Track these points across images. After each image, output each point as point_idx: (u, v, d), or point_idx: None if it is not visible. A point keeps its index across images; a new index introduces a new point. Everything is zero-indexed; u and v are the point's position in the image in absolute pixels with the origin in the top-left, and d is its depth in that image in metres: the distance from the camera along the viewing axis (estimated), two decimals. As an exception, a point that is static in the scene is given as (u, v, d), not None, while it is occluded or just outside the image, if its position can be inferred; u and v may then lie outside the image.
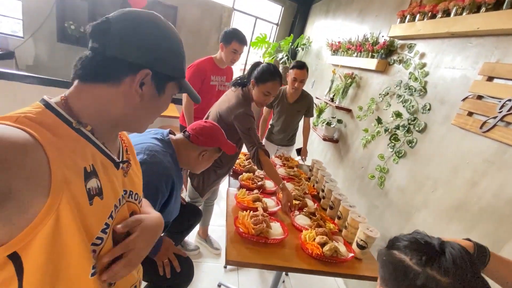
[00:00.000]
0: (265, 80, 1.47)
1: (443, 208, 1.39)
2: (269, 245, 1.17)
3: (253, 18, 4.42)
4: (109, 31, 0.49)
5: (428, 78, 1.66)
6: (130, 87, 0.52)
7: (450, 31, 1.46)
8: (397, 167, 1.78)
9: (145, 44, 0.51)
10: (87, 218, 0.47)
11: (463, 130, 1.35)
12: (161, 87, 0.57)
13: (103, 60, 0.50)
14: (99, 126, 0.52)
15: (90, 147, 0.51)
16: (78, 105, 0.50)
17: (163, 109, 0.62)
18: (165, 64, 0.55)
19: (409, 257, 0.53)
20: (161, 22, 0.55)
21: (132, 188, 0.65)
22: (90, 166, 0.49)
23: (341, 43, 2.77)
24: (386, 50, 2.05)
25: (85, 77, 0.51)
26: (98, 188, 0.50)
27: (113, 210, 0.55)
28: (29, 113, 0.43)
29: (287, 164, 2.05)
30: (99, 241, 0.51)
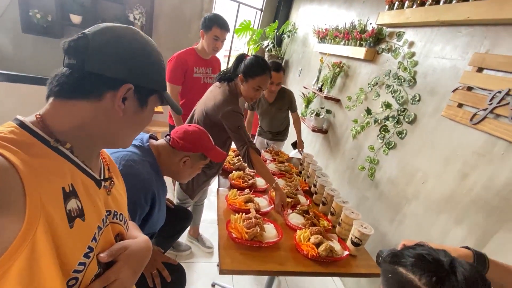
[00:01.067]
0: (255, 74, 1.39)
1: (434, 200, 1.41)
2: (264, 249, 1.14)
3: (236, 3, 4.22)
4: (87, 46, 0.48)
5: (417, 68, 1.64)
6: (112, 103, 0.50)
7: (439, 19, 1.43)
8: (387, 158, 1.78)
9: (126, 59, 0.51)
10: (67, 243, 0.44)
11: (453, 122, 1.35)
12: (144, 101, 0.56)
13: (82, 76, 0.48)
14: (79, 144, 0.51)
15: (69, 165, 0.48)
16: (55, 123, 0.48)
17: (146, 122, 0.61)
18: (146, 77, 0.54)
19: (418, 277, 0.50)
20: (139, 36, 0.54)
21: (116, 208, 0.62)
22: (69, 186, 0.47)
23: (328, 30, 2.70)
24: (375, 38, 2.00)
25: (62, 94, 0.49)
26: (79, 209, 0.48)
27: (96, 232, 0.52)
28: (1, 133, 0.41)
29: (277, 159, 2.01)
30: (81, 267, 0.47)
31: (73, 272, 0.46)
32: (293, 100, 2.30)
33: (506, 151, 1.12)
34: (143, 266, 0.63)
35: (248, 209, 1.28)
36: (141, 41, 0.54)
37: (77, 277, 0.47)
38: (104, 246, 0.55)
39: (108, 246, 0.57)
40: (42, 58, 3.05)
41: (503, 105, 1.12)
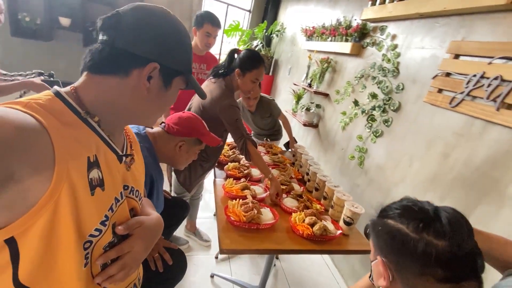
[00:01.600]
0: (252, 67, 1.45)
1: (419, 181, 1.49)
2: (261, 231, 1.18)
3: (225, 5, 4.29)
4: (119, 24, 0.50)
5: (400, 59, 1.73)
6: (138, 80, 0.52)
7: (419, 12, 1.53)
8: (375, 146, 1.86)
9: (154, 38, 0.52)
10: (87, 208, 0.47)
11: (434, 107, 1.44)
12: (168, 81, 0.57)
13: (112, 52, 0.50)
14: (106, 118, 0.53)
15: (95, 137, 0.51)
16: (86, 96, 0.50)
17: (170, 103, 0.62)
18: (173, 58, 0.55)
19: (405, 225, 0.54)
20: (170, 17, 0.55)
21: (134, 184, 0.64)
22: (94, 156, 0.49)
23: (315, 28, 2.79)
24: (359, 33, 2.10)
25: (94, 69, 0.51)
26: (100, 179, 0.50)
27: (113, 203, 0.55)
28: (39, 99, 0.44)
29: (271, 151, 2.07)
30: (97, 232, 0.50)
31: (88, 236, 0.49)
32: (272, 107, 2.26)
33: (482, 129, 1.21)
34: (153, 243, 0.66)
35: (245, 196, 1.33)
36: (171, 21, 0.55)
37: (91, 241, 0.50)
38: (119, 217, 0.58)
39: (123, 218, 0.60)
40: (31, 61, 3.02)
41: (478, 87, 1.21)
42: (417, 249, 0.50)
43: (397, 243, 0.54)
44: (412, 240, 0.51)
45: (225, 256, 1.94)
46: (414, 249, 0.51)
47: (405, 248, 0.52)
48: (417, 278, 0.52)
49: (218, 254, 1.93)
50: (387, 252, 0.57)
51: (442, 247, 0.49)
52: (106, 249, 0.55)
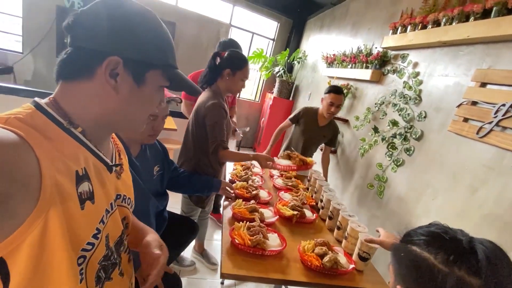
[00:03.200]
0: (242, 65, 1.47)
1: (444, 216, 1.36)
2: (267, 257, 1.12)
3: (250, 34, 4.53)
4: (77, 22, 0.46)
5: (422, 87, 1.68)
6: (101, 79, 0.47)
7: (441, 40, 1.50)
8: (396, 175, 1.76)
9: (112, 29, 0.46)
10: (77, 223, 0.45)
11: (460, 137, 1.35)
12: (140, 77, 0.50)
13: (74, 53, 0.47)
14: (89, 127, 0.50)
15: (82, 149, 0.49)
16: (66, 105, 0.48)
17: (152, 102, 0.56)
18: (138, 49, 0.49)
19: (433, 255, 0.47)
20: (134, 6, 0.49)
21: (126, 192, 0.64)
22: (82, 169, 0.47)
23: (336, 56, 2.83)
24: (380, 60, 2.08)
25: (64, 75, 0.48)
26: (90, 192, 0.49)
27: (104, 215, 0.53)
28: (19, 114, 0.41)
29: (284, 175, 2.02)
30: (90, 246, 0.49)
31: (81, 251, 0.47)
32: (337, 135, 2.21)
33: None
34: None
35: (253, 218, 1.29)
36: (135, 11, 0.49)
37: (85, 256, 0.48)
38: (111, 229, 0.57)
39: (115, 229, 0.59)
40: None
41: (508, 117, 1.12)
42: (445, 285, 0.43)
43: (421, 274, 0.47)
44: (440, 273, 0.44)
45: (231, 282, 1.85)
46: (442, 284, 0.43)
47: (431, 281, 0.45)
48: None
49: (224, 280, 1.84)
50: (409, 282, 0.50)
51: (477, 286, 0.42)
52: (102, 264, 0.54)
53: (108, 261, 0.56)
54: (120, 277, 0.61)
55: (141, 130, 0.60)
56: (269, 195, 1.59)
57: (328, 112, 2.04)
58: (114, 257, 0.58)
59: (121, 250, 0.64)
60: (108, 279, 0.56)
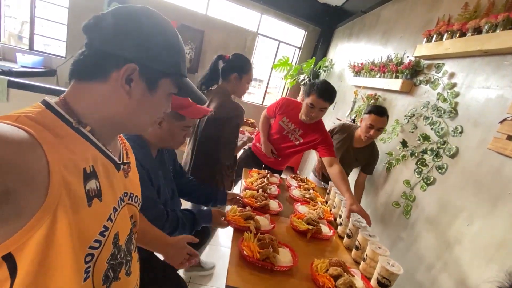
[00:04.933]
0: (248, 69, 1.50)
1: (481, 246, 1.20)
2: (276, 273, 1.06)
3: (276, 42, 4.54)
4: (98, 25, 0.48)
5: (458, 99, 1.53)
6: (117, 83, 0.49)
7: (482, 49, 1.36)
8: (425, 195, 1.61)
9: (133, 37, 0.49)
10: (84, 220, 0.46)
11: (502, 156, 1.20)
12: (153, 84, 0.53)
13: (91, 55, 0.49)
14: (98, 126, 0.51)
15: (90, 147, 0.50)
16: (76, 104, 0.49)
17: (159, 108, 0.58)
18: (155, 58, 0.51)
19: None
20: (154, 15, 0.52)
21: (133, 190, 0.65)
22: (90, 167, 0.48)
23: (364, 65, 2.71)
24: (412, 70, 1.95)
25: (78, 75, 0.50)
26: (97, 190, 0.49)
27: (112, 213, 0.54)
28: (29, 112, 0.43)
29: (303, 186, 1.94)
30: (97, 244, 0.49)
31: (89, 248, 0.47)
32: (375, 162, 2.00)
33: None
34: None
35: (247, 226, 1.23)
36: (154, 20, 0.51)
37: (92, 253, 0.48)
38: (120, 225, 0.57)
39: (124, 227, 0.59)
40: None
41: None
42: None
43: None
44: None
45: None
46: None
47: None
48: None
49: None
50: None
51: None
52: (111, 263, 0.54)
53: (115, 260, 0.56)
54: (127, 277, 0.61)
55: (146, 132, 0.62)
56: (280, 207, 1.53)
57: (366, 134, 1.83)
58: (121, 256, 0.58)
59: (132, 248, 0.64)
60: (116, 279, 0.57)
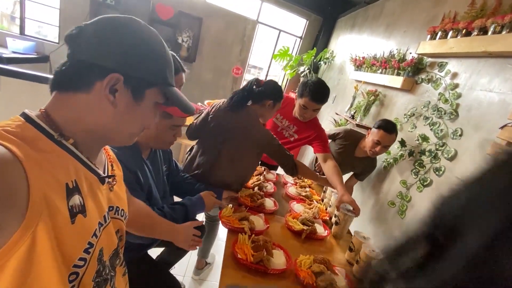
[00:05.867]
0: (281, 98, 1.46)
1: (474, 250, 1.21)
2: (269, 276, 1.06)
3: (277, 31, 4.42)
4: (80, 35, 0.47)
5: (460, 100, 1.50)
6: (101, 94, 0.48)
7: (487, 50, 1.32)
8: (421, 196, 1.61)
9: (117, 47, 0.48)
10: (68, 238, 0.44)
11: (501, 162, 1.18)
12: (139, 94, 0.52)
13: (74, 65, 0.48)
14: (81, 139, 0.50)
15: (73, 161, 0.48)
16: (58, 116, 0.47)
17: (146, 118, 0.56)
18: (140, 68, 0.50)
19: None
20: (137, 25, 0.51)
21: (119, 204, 0.63)
22: (73, 181, 0.47)
23: (365, 59, 2.65)
24: (414, 68, 1.91)
25: (60, 86, 0.49)
26: (81, 205, 0.48)
27: (97, 228, 0.52)
28: (8, 126, 0.41)
29: (299, 183, 1.94)
30: (82, 262, 0.47)
31: (73, 267, 0.46)
32: (369, 172, 1.99)
33: None
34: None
35: (242, 228, 1.23)
36: (137, 30, 0.51)
37: (77, 272, 0.46)
38: (105, 241, 0.55)
39: (109, 242, 0.58)
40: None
41: None
42: None
43: None
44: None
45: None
46: None
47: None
48: None
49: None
50: None
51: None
52: (96, 281, 0.52)
53: (100, 277, 0.54)
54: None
55: (132, 143, 0.59)
56: (275, 206, 1.52)
57: (371, 149, 1.75)
58: (105, 272, 0.56)
59: (116, 263, 0.62)
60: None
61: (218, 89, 4.24)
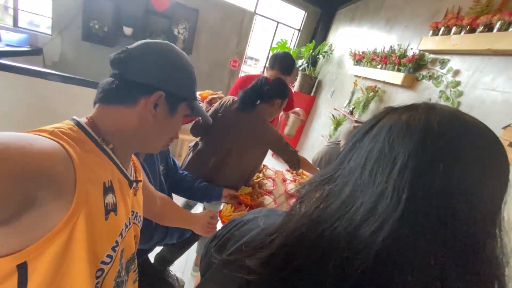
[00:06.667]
0: (288, 95, 1.45)
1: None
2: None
3: (275, 23, 4.33)
4: (128, 58, 0.55)
5: (462, 99, 1.49)
6: (145, 108, 0.55)
7: (492, 48, 1.30)
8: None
9: (160, 68, 0.57)
10: (100, 233, 0.48)
11: (502, 163, 1.18)
12: (174, 108, 0.60)
13: (122, 83, 0.55)
14: (119, 146, 0.56)
15: (110, 164, 0.54)
16: (102, 125, 0.54)
17: (175, 128, 0.65)
18: (177, 86, 0.60)
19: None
20: (174, 49, 0.61)
21: (138, 210, 0.68)
22: (109, 181, 0.52)
23: (365, 53, 2.62)
24: (415, 64, 1.88)
25: (106, 100, 0.55)
26: (114, 204, 0.53)
27: (123, 229, 0.56)
28: (62, 128, 0.47)
29: (298, 180, 1.93)
30: (109, 259, 0.51)
31: (100, 263, 0.49)
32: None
33: None
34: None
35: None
36: (175, 54, 0.60)
37: (103, 269, 0.50)
38: (126, 244, 0.59)
39: (129, 245, 0.61)
40: (96, 64, 3.38)
41: None
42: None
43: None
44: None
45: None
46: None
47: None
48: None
49: None
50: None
51: None
52: (117, 281, 0.56)
53: (119, 278, 0.57)
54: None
55: (159, 151, 0.69)
56: (275, 203, 1.52)
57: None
58: (122, 274, 0.59)
59: (131, 268, 0.65)
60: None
61: (215, 82, 4.18)
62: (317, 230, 0.31)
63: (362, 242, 0.27)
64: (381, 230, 0.27)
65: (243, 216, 0.51)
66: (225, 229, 0.49)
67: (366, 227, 0.28)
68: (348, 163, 0.34)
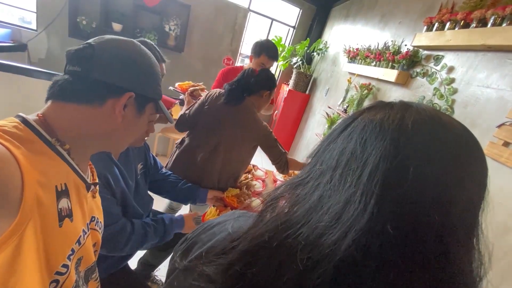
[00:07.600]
0: (275, 85, 1.42)
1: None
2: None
3: (269, 20, 4.27)
4: (93, 56, 0.51)
5: (456, 96, 1.44)
6: (112, 109, 0.53)
7: (486, 43, 1.25)
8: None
9: (129, 69, 0.55)
10: (54, 241, 0.44)
11: (497, 163, 1.14)
12: (142, 108, 0.60)
13: (85, 82, 0.51)
14: (76, 146, 0.52)
15: (64, 166, 0.50)
16: (57, 124, 0.50)
17: (141, 129, 0.65)
18: (146, 86, 0.59)
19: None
20: (140, 48, 0.59)
21: (98, 215, 0.64)
22: (62, 185, 0.48)
23: (359, 50, 2.56)
24: (409, 61, 1.84)
25: (63, 97, 0.51)
26: (69, 209, 0.49)
27: (81, 235, 0.53)
28: (5, 126, 0.42)
29: (289, 180, 1.88)
30: (64, 269, 0.47)
31: (55, 274, 0.45)
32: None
33: None
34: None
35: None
36: (142, 53, 0.58)
37: (58, 280, 0.46)
38: (84, 252, 0.55)
39: (87, 253, 0.57)
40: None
41: None
42: None
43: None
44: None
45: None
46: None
47: None
48: None
49: None
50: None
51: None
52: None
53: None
54: None
55: (122, 150, 0.66)
56: None
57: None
58: (80, 283, 0.55)
59: (92, 277, 0.62)
60: None
61: (209, 80, 4.08)
62: (280, 237, 0.28)
63: (323, 251, 0.25)
64: (345, 238, 0.24)
65: (215, 218, 0.48)
66: (194, 232, 0.47)
67: (330, 235, 0.25)
68: (321, 165, 0.32)
